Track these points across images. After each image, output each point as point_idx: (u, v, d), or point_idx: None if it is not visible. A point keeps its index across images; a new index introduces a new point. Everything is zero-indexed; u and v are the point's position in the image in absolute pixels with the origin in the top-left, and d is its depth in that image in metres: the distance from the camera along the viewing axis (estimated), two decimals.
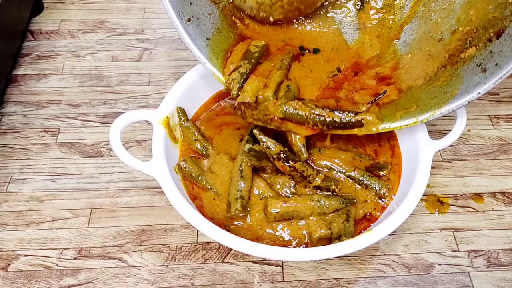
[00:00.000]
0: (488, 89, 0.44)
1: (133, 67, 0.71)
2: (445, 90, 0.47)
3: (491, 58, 0.45)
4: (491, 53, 0.45)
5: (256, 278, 0.50)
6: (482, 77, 0.45)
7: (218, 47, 0.53)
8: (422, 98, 0.49)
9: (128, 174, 0.58)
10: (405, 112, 0.49)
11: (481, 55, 0.46)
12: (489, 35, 0.46)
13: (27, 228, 0.54)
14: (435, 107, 0.47)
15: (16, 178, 0.58)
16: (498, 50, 0.44)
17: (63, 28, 0.76)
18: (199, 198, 0.51)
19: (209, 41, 0.52)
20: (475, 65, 0.46)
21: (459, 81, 0.47)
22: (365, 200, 0.50)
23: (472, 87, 0.45)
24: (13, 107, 0.65)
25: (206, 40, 0.52)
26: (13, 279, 0.50)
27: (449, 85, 0.47)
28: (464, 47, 0.48)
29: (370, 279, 0.51)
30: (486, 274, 0.51)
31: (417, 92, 0.50)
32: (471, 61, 0.47)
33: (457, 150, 0.62)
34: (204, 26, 0.53)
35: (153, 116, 0.52)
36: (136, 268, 0.51)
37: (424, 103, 0.48)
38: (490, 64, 0.44)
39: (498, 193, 0.58)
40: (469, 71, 0.46)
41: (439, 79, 0.49)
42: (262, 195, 0.50)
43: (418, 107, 0.48)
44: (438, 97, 0.48)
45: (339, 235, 0.47)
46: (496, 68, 0.44)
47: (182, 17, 0.50)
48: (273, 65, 0.52)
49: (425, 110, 0.48)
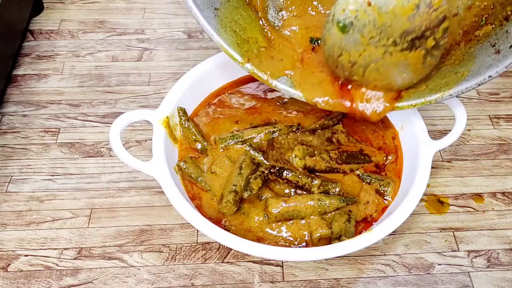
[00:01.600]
0: (500, 72, 0.43)
1: (133, 67, 0.71)
2: (456, 70, 0.46)
3: (506, 39, 0.43)
4: (506, 33, 0.43)
5: (256, 278, 0.50)
6: (495, 59, 0.43)
7: (226, 18, 0.51)
8: (433, 77, 0.48)
9: (128, 174, 0.58)
10: (415, 91, 0.48)
11: (496, 34, 0.44)
12: (506, 13, 0.44)
13: (27, 228, 0.54)
14: (445, 88, 0.46)
15: (16, 178, 0.58)
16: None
17: (63, 28, 0.76)
18: (198, 198, 0.51)
19: (217, 12, 0.51)
20: (489, 45, 0.45)
21: (471, 61, 0.46)
22: (367, 201, 0.50)
23: (484, 69, 0.44)
24: (13, 107, 0.65)
25: (214, 11, 0.50)
26: (13, 279, 0.50)
27: (461, 64, 0.46)
28: (479, 24, 0.47)
29: (370, 279, 0.51)
30: (486, 274, 0.51)
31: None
32: (485, 40, 0.45)
33: (457, 150, 0.62)
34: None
35: (153, 116, 0.52)
36: (136, 268, 0.51)
37: (434, 82, 0.47)
38: (505, 45, 0.43)
39: (498, 193, 0.58)
40: (483, 51, 0.45)
41: (451, 58, 0.48)
42: (261, 195, 0.50)
43: (428, 87, 0.47)
44: (449, 77, 0.46)
45: (339, 235, 0.47)
46: (510, 50, 0.42)
47: None
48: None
49: (435, 91, 0.47)
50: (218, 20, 0.50)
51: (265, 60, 0.53)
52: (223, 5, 0.51)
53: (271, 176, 0.51)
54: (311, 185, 0.50)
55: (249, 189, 0.48)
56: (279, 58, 0.54)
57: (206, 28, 0.49)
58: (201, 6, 0.49)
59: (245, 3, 0.54)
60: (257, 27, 0.55)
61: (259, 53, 0.53)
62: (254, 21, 0.55)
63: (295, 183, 0.50)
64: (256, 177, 0.49)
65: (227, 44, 0.50)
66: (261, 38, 0.54)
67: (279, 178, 0.50)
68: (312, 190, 0.50)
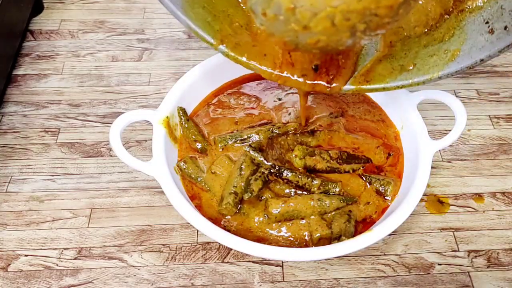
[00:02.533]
0: (493, 56, 0.40)
1: (133, 67, 0.71)
2: (446, 48, 0.44)
3: (500, 17, 0.40)
4: (501, 9, 0.40)
5: (256, 278, 0.50)
6: (488, 40, 0.40)
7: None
8: (421, 55, 0.45)
9: (128, 174, 0.58)
10: (401, 70, 0.46)
11: (491, 7, 0.41)
12: None
13: (27, 228, 0.54)
14: (434, 69, 0.44)
15: (16, 178, 0.58)
16: (509, 8, 0.39)
17: (63, 28, 0.76)
18: (198, 198, 0.51)
19: None
20: (482, 21, 0.42)
21: (462, 38, 0.43)
22: (368, 202, 0.50)
23: (475, 51, 0.41)
24: (13, 107, 0.65)
25: None
26: (13, 279, 0.50)
27: (451, 41, 0.44)
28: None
29: (370, 279, 0.51)
30: (486, 274, 0.51)
31: (415, 45, 0.46)
32: (478, 13, 0.42)
33: (457, 150, 0.62)
34: None
35: (153, 116, 0.52)
36: (136, 268, 0.51)
37: (423, 61, 0.45)
38: (499, 24, 0.40)
39: (498, 193, 0.58)
40: (475, 27, 0.42)
41: (441, 30, 0.45)
42: (262, 196, 0.50)
43: (416, 66, 0.45)
44: (438, 55, 0.44)
45: (339, 235, 0.47)
46: (504, 32, 0.39)
47: None
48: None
49: (423, 71, 0.44)
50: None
51: (244, 45, 0.48)
52: None
53: (271, 177, 0.51)
54: (311, 185, 0.50)
55: (249, 191, 0.48)
56: (261, 52, 0.49)
57: (170, 8, 0.45)
58: None
59: None
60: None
61: (235, 32, 0.48)
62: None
63: (295, 183, 0.50)
64: (257, 178, 0.49)
65: (196, 24, 0.46)
66: (234, 11, 0.49)
67: (279, 178, 0.50)
68: (312, 190, 0.50)
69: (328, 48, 0.40)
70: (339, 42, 0.39)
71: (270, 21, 0.39)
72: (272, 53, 0.48)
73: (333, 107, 0.59)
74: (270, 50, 0.48)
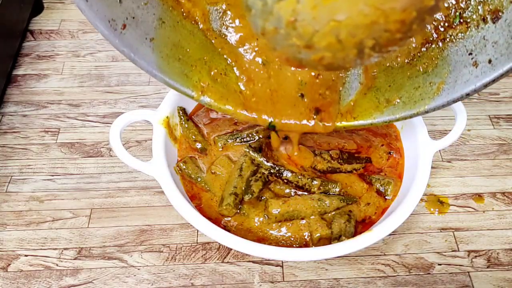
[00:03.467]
0: (478, 90, 0.39)
1: (133, 67, 0.71)
2: (430, 80, 0.43)
3: (483, 48, 0.39)
4: (484, 40, 0.39)
5: (256, 278, 0.50)
6: (473, 73, 0.39)
7: (166, 45, 0.45)
8: (406, 87, 0.44)
9: (128, 174, 0.58)
10: (387, 104, 0.45)
11: (473, 38, 0.40)
12: (483, 13, 0.39)
13: (27, 228, 0.54)
14: (420, 103, 0.43)
15: (16, 178, 0.58)
16: (492, 40, 0.38)
17: (63, 28, 0.76)
18: (198, 198, 0.51)
19: (153, 43, 0.44)
20: (465, 52, 0.40)
21: (446, 69, 0.42)
22: (368, 203, 0.50)
23: (460, 84, 0.40)
24: (13, 107, 0.65)
25: (150, 43, 0.43)
26: (13, 279, 0.50)
27: (435, 72, 0.43)
28: (453, 21, 0.42)
29: (370, 279, 0.51)
30: (486, 274, 0.51)
31: (399, 76, 0.45)
32: (460, 43, 0.41)
33: (457, 150, 0.62)
34: (144, 24, 0.43)
35: (153, 116, 0.52)
36: (136, 268, 0.51)
37: (408, 94, 0.44)
38: (482, 57, 0.39)
39: (498, 193, 0.58)
40: (458, 58, 0.41)
41: (424, 61, 0.43)
42: (262, 196, 0.50)
43: (401, 99, 0.44)
44: (423, 88, 0.43)
45: (339, 235, 0.47)
46: (489, 66, 0.38)
47: (115, 27, 0.41)
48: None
49: (409, 106, 0.44)
50: (157, 52, 0.44)
51: (221, 87, 0.48)
52: (158, 31, 0.44)
53: (271, 177, 0.51)
54: (311, 185, 0.50)
55: (250, 192, 0.48)
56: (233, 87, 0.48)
57: (147, 70, 0.44)
58: (134, 46, 0.42)
59: (182, 18, 0.46)
60: (201, 43, 0.47)
61: (213, 79, 0.47)
62: (197, 36, 0.47)
63: (295, 183, 0.50)
64: (257, 179, 0.49)
65: (174, 80, 0.46)
66: (210, 57, 0.47)
67: (279, 179, 0.50)
68: (312, 190, 0.50)
69: (334, 65, 0.38)
70: (345, 60, 0.37)
71: (270, 35, 0.37)
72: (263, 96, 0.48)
73: None
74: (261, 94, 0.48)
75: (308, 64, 0.39)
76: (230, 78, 0.49)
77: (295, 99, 0.47)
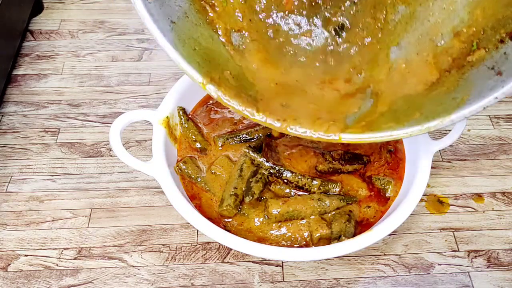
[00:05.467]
0: (507, 93, 0.38)
1: (133, 67, 0.71)
2: (453, 96, 0.41)
3: (505, 61, 0.38)
4: (505, 55, 0.39)
5: (256, 278, 0.50)
6: (498, 80, 0.38)
7: (184, 34, 0.44)
8: (426, 105, 0.43)
9: (128, 174, 0.58)
10: (408, 118, 0.42)
11: (493, 57, 0.40)
12: (500, 36, 0.40)
13: (27, 228, 0.54)
14: (444, 114, 0.40)
15: (16, 178, 0.58)
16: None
17: (63, 28, 0.76)
18: (198, 198, 0.51)
19: (174, 25, 0.43)
20: (487, 68, 0.40)
21: (468, 86, 0.41)
22: (368, 206, 0.50)
23: (486, 92, 0.38)
24: (13, 107, 0.65)
25: (170, 24, 0.43)
26: (13, 279, 0.50)
27: (456, 90, 0.41)
28: (470, 50, 0.42)
29: (370, 279, 0.51)
30: (486, 274, 0.51)
31: (418, 99, 0.44)
32: (480, 64, 0.40)
33: (457, 150, 0.62)
34: (169, 7, 0.43)
35: (153, 116, 0.52)
36: (136, 268, 0.51)
37: (429, 110, 0.42)
38: (506, 66, 0.38)
39: (498, 193, 0.58)
40: (480, 75, 0.40)
41: (443, 85, 0.43)
42: (262, 196, 0.50)
43: (423, 114, 0.42)
44: (446, 103, 0.41)
45: (339, 235, 0.47)
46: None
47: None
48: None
49: (432, 117, 0.41)
50: (175, 34, 0.43)
51: (234, 83, 0.45)
52: (180, 20, 0.44)
53: (271, 178, 0.51)
54: (311, 185, 0.50)
55: (250, 194, 0.48)
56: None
57: (161, 41, 0.42)
58: (155, 16, 0.41)
59: (205, 22, 0.46)
60: (219, 49, 0.46)
61: (225, 76, 0.45)
62: (215, 41, 0.46)
63: (295, 183, 0.50)
64: (258, 180, 0.49)
65: (185, 60, 0.43)
66: (223, 60, 0.45)
67: (279, 179, 0.50)
68: (312, 190, 0.50)
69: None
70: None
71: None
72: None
73: None
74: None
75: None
76: (245, 81, 0.47)
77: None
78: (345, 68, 0.48)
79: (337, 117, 0.45)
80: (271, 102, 0.46)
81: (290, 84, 0.47)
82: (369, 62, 0.47)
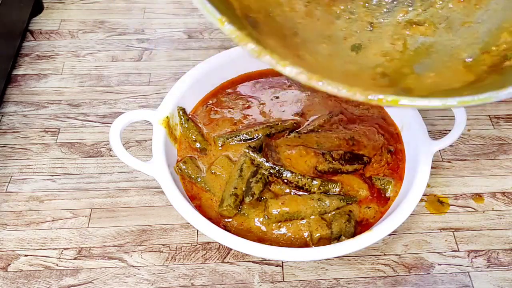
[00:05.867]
0: None
1: (133, 67, 0.71)
2: (497, 84, 0.37)
3: None
4: None
5: (256, 278, 0.50)
6: None
7: None
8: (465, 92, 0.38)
9: (128, 174, 0.58)
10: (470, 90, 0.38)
11: None
12: None
13: (27, 228, 0.54)
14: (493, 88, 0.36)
15: (16, 178, 0.58)
16: None
17: (63, 28, 0.76)
18: (198, 198, 0.51)
19: None
20: None
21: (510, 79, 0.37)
22: (368, 207, 0.50)
23: None
24: (13, 107, 0.65)
25: None
26: (13, 279, 0.50)
27: (498, 81, 0.38)
28: (506, 59, 0.39)
29: (370, 279, 0.51)
30: (486, 274, 0.51)
31: (457, 91, 0.40)
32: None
33: (457, 150, 0.62)
34: None
35: (153, 116, 0.52)
36: (136, 268, 0.51)
37: (474, 91, 0.37)
38: None
39: (498, 193, 0.58)
40: None
41: (483, 81, 0.40)
42: (261, 196, 0.50)
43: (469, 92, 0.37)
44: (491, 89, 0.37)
45: (339, 235, 0.47)
46: None
47: None
48: None
49: (481, 90, 0.36)
50: None
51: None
52: None
53: (271, 178, 0.51)
54: (311, 186, 0.50)
55: (250, 194, 0.48)
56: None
57: None
58: None
59: None
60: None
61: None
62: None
63: (295, 183, 0.50)
64: (258, 181, 0.49)
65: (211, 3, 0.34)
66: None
67: (279, 179, 0.50)
68: (312, 191, 0.50)
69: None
70: None
71: None
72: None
73: (331, 106, 0.59)
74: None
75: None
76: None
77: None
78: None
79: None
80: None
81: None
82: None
